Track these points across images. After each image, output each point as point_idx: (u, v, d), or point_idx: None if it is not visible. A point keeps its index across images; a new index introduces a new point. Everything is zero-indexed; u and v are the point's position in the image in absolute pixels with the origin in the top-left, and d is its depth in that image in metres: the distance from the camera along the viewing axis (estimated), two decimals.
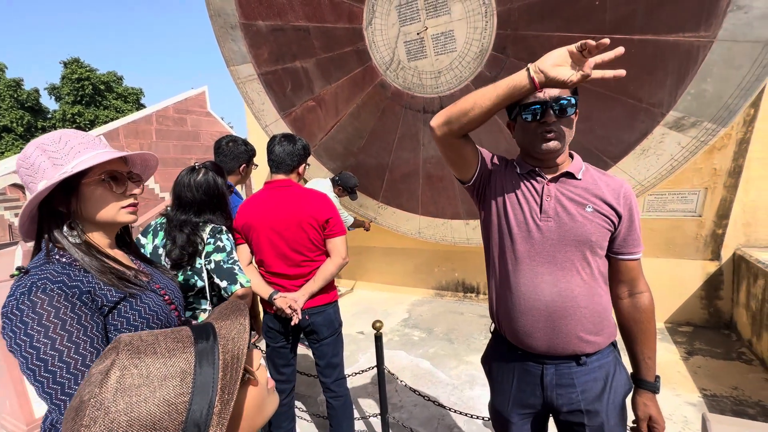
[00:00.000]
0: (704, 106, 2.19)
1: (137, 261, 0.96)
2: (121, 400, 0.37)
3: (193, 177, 1.45)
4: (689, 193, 2.89)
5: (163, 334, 0.45)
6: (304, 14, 2.99)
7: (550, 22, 2.36)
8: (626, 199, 1.01)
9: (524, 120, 0.99)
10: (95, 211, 0.83)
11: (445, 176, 3.18)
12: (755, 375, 2.42)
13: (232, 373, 0.44)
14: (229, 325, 0.49)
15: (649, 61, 2.22)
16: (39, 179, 0.77)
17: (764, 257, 2.65)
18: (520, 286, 1.04)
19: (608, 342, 1.05)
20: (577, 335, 1.00)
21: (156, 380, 0.39)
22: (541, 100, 0.95)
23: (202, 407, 0.40)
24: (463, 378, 2.55)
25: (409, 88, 2.97)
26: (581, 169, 1.05)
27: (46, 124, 22.33)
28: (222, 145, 2.04)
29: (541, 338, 1.02)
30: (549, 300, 1.00)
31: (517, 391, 1.10)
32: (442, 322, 3.49)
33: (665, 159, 2.39)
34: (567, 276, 1.00)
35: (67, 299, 0.72)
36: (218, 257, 1.38)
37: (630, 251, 1.04)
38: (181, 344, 0.43)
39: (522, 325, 1.04)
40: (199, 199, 1.45)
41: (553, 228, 1.00)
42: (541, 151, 0.99)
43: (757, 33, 1.97)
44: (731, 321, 3.04)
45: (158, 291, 0.91)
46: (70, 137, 0.81)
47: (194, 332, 0.46)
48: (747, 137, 2.67)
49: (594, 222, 0.99)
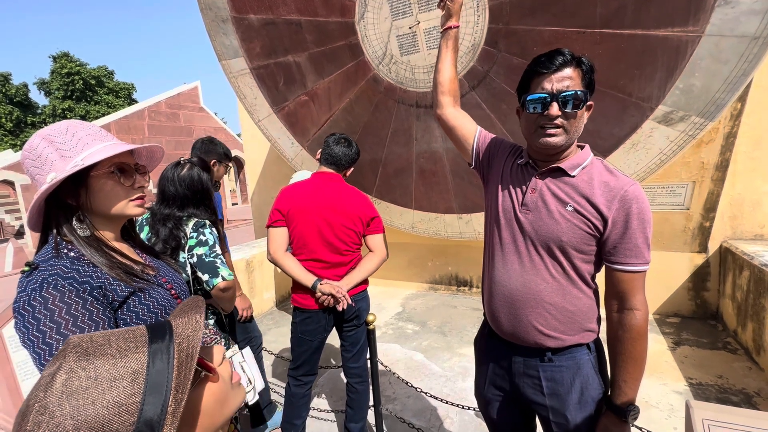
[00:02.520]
0: (692, 101, 2.22)
1: (143, 254, 0.96)
2: (66, 404, 0.37)
3: (177, 171, 1.48)
4: (677, 187, 2.94)
5: (116, 335, 0.44)
6: (296, 8, 2.97)
7: (541, 16, 2.37)
8: (623, 203, 0.92)
9: (528, 111, 0.97)
10: (105, 204, 0.83)
11: (437, 171, 3.20)
12: (740, 364, 2.48)
13: (185, 371, 0.44)
14: (185, 322, 0.49)
15: (638, 55, 2.24)
16: (47, 171, 0.76)
17: (750, 249, 2.71)
18: (495, 270, 1.09)
19: (578, 342, 1.02)
20: (535, 326, 1.02)
21: (105, 382, 0.39)
22: (547, 91, 0.92)
23: (156, 407, 0.39)
24: (456, 370, 2.59)
25: (401, 83, 2.97)
26: (581, 165, 0.99)
27: (36, 120, 21.99)
28: (197, 144, 2.24)
29: (504, 322, 1.07)
30: (513, 288, 1.04)
31: (492, 372, 1.16)
32: (436, 315, 3.52)
33: (654, 153, 2.42)
34: (533, 270, 1.02)
35: (78, 295, 0.73)
36: (200, 251, 1.40)
37: (621, 261, 0.94)
38: (134, 344, 0.43)
39: (494, 307, 1.10)
40: (182, 194, 1.47)
41: (530, 221, 1.01)
42: (538, 145, 0.98)
43: (743, 28, 2.00)
44: (717, 312, 3.10)
45: (164, 285, 0.91)
46: (77, 128, 0.80)
47: (150, 331, 0.45)
48: (734, 131, 2.71)
49: (570, 222, 0.96)
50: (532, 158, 1.05)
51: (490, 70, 2.65)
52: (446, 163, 3.13)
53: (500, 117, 2.75)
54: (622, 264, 0.94)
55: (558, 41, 2.35)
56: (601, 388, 1.04)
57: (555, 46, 0.97)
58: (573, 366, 1.03)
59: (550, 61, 0.93)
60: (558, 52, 0.93)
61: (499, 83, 2.65)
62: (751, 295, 2.54)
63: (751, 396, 2.17)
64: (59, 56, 21.88)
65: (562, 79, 0.91)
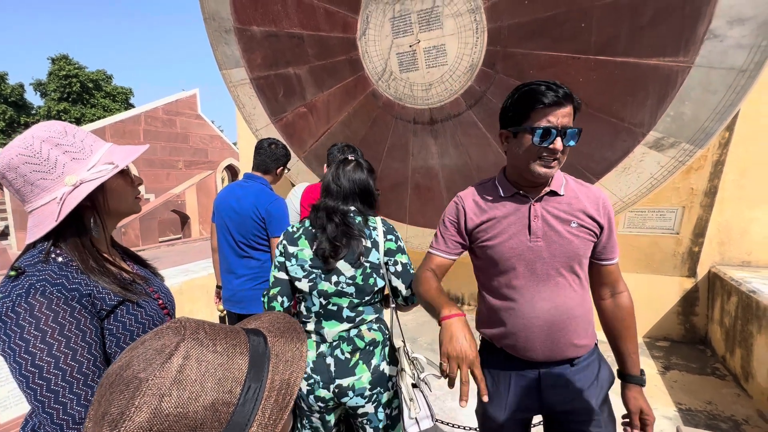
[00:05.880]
0: (682, 128, 2.28)
1: (131, 262, 0.94)
2: (175, 391, 0.35)
3: (344, 167, 1.38)
4: (667, 211, 2.99)
5: (223, 332, 0.41)
6: (299, 22, 3.02)
7: (538, 41, 2.44)
8: (605, 209, 1.07)
9: (531, 141, 0.97)
10: (120, 203, 0.84)
11: (433, 187, 3.22)
12: (728, 390, 2.48)
13: (278, 398, 0.40)
14: (283, 344, 0.45)
15: (631, 82, 2.31)
16: (58, 174, 0.74)
17: (738, 275, 2.74)
18: (518, 305, 1.06)
19: (594, 342, 1.12)
20: (572, 343, 1.05)
21: (211, 380, 0.37)
22: (554, 125, 0.95)
23: (241, 421, 0.37)
24: (445, 389, 2.55)
25: (400, 99, 3.01)
26: (563, 183, 1.08)
27: (29, 120, 21.81)
28: (264, 146, 2.13)
29: (539, 350, 1.05)
30: (548, 316, 1.03)
31: (513, 396, 1.12)
32: (427, 331, 3.49)
33: (645, 177, 2.47)
34: (562, 291, 1.04)
35: (66, 303, 0.70)
36: (404, 259, 1.31)
37: (610, 256, 1.10)
38: (238, 349, 0.40)
39: (521, 341, 1.06)
40: (350, 189, 1.34)
41: (543, 247, 1.03)
42: (536, 174, 1.00)
43: (731, 61, 2.07)
44: (706, 337, 3.12)
45: (152, 295, 0.89)
46: (72, 130, 0.78)
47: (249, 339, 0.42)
48: (722, 159, 2.78)
49: (580, 237, 1.04)
50: (520, 186, 1.07)
51: (487, 91, 2.70)
52: (441, 180, 3.15)
53: (496, 137, 2.78)
54: (611, 259, 1.10)
55: (554, 65, 2.41)
56: (610, 374, 1.14)
57: (551, 70, 1.01)
58: (593, 362, 1.11)
59: (555, 95, 0.94)
60: (558, 86, 0.95)
61: (496, 103, 2.70)
62: (738, 321, 2.56)
63: (740, 423, 2.16)
64: (58, 58, 21.88)
65: (565, 115, 0.95)
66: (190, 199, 12.75)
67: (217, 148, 16.05)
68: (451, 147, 2.98)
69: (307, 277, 1.26)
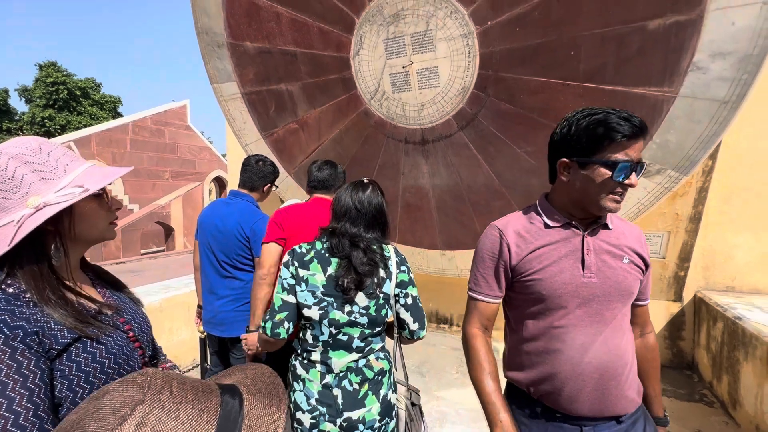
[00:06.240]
0: (668, 155, 2.33)
1: (103, 289, 0.86)
2: None
3: (363, 191, 1.30)
4: (654, 236, 3.02)
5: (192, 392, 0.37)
6: (292, 39, 3.03)
7: (529, 66, 2.48)
8: (646, 246, 1.03)
9: (609, 176, 0.88)
10: (89, 229, 0.75)
11: (423, 206, 3.20)
12: (716, 418, 2.46)
13: None
14: (260, 412, 0.40)
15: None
16: (21, 195, 0.67)
17: (723, 300, 2.77)
18: (567, 350, 0.94)
19: (642, 396, 1.02)
20: (625, 395, 0.93)
21: None
22: (634, 160, 0.88)
23: None
24: (433, 415, 2.47)
25: (392, 118, 3.02)
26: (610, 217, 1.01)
27: (12, 126, 21.33)
28: (251, 163, 2.07)
29: (586, 402, 0.93)
30: (601, 362, 0.92)
31: None
32: (414, 353, 3.41)
33: (633, 202, 2.50)
34: (616, 333, 0.94)
35: (6, 343, 0.62)
36: (414, 292, 1.28)
37: (646, 297, 1.08)
38: (205, 417, 0.36)
39: (567, 391, 0.93)
40: (371, 214, 1.27)
41: (598, 284, 0.93)
42: (605, 209, 0.92)
43: (714, 92, 2.14)
44: (693, 362, 3.12)
45: (122, 326, 0.81)
46: (50, 147, 0.72)
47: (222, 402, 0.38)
48: (706, 186, 2.84)
49: (632, 274, 0.97)
50: (572, 217, 0.98)
51: (478, 113, 2.73)
52: (431, 199, 3.14)
53: (487, 158, 2.81)
54: (646, 300, 1.07)
55: (544, 91, 2.45)
56: (651, 421, 1.04)
57: (541, 95, 1.00)
58: (639, 419, 1.00)
59: (633, 127, 0.87)
60: (631, 116, 0.89)
61: (487, 126, 2.73)
62: (725, 347, 2.57)
63: None
64: (46, 65, 21.59)
65: (640, 149, 0.90)
66: (175, 211, 12.50)
67: (205, 160, 15.89)
68: (442, 167, 2.99)
69: (318, 305, 1.18)
